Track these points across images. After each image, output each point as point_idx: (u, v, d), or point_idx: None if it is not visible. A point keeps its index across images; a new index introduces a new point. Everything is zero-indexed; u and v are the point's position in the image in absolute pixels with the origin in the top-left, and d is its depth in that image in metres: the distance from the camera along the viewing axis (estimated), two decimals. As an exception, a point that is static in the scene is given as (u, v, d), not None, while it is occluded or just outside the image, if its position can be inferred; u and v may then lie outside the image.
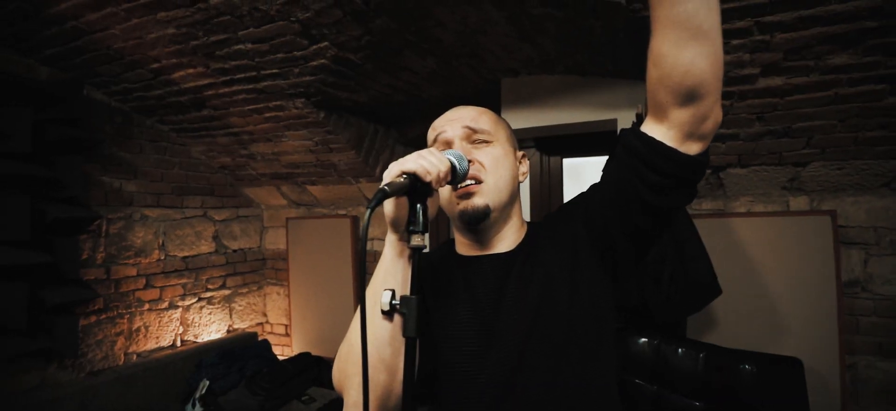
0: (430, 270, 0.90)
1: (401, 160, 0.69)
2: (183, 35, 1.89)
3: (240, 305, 3.39)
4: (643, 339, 1.61)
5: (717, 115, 0.68)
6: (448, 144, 0.85)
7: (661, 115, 0.69)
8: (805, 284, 2.08)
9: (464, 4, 1.67)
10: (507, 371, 0.77)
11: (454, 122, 0.87)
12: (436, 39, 1.95)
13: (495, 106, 2.51)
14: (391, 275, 0.73)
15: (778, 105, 1.73)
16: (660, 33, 0.63)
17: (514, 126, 2.50)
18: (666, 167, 0.69)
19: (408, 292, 0.68)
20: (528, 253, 0.85)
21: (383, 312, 0.68)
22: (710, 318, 2.21)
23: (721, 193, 2.22)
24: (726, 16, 1.40)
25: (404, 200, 0.69)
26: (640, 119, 2.04)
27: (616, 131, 2.22)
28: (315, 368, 3.06)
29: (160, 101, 2.50)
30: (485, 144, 0.86)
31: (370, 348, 0.69)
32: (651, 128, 0.71)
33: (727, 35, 1.47)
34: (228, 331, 3.28)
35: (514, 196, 0.89)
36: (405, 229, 0.70)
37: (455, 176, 0.76)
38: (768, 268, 2.14)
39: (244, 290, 3.42)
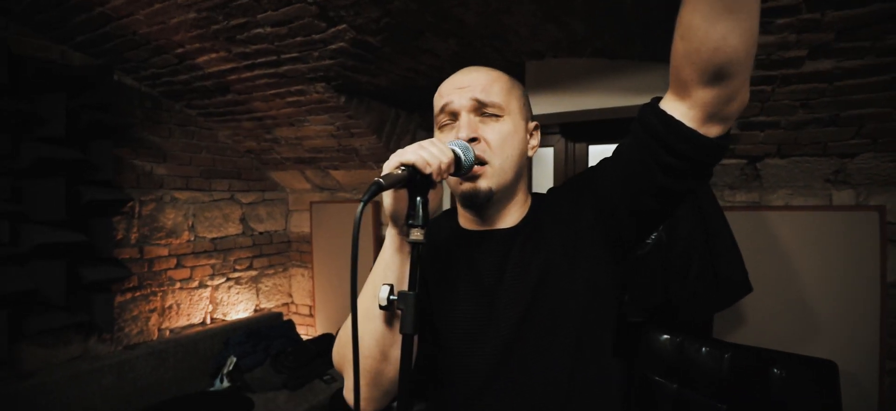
0: (431, 244, 0.88)
1: (401, 150, 0.66)
2: (203, 19, 1.89)
3: (266, 286, 3.47)
4: (665, 336, 1.55)
5: (743, 97, 0.64)
6: (454, 115, 0.81)
7: (683, 93, 0.65)
8: (846, 284, 1.95)
9: (485, -15, 1.60)
10: (501, 350, 0.77)
11: (463, 91, 0.80)
12: (457, 20, 1.89)
13: (519, 90, 2.43)
14: (390, 269, 0.71)
15: (826, 91, 1.59)
16: (691, 3, 0.58)
17: (539, 111, 2.44)
18: (684, 149, 0.65)
19: (406, 287, 0.65)
20: (530, 230, 0.82)
21: (382, 307, 0.66)
22: (740, 316, 2.11)
23: (757, 185, 2.09)
24: (769, -6, 1.29)
25: (404, 193, 0.67)
26: (671, 105, 1.93)
27: (646, 117, 2.12)
28: (337, 349, 3.12)
29: (187, 86, 2.54)
30: (494, 119, 0.80)
31: (368, 338, 0.71)
32: (671, 106, 0.67)
33: (771, 13, 1.36)
34: (255, 311, 3.38)
35: (521, 173, 0.84)
36: (404, 223, 0.67)
37: (459, 167, 0.72)
38: (805, 265, 2.02)
39: (270, 272, 3.50)
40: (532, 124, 0.88)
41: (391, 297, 0.66)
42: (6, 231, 2.00)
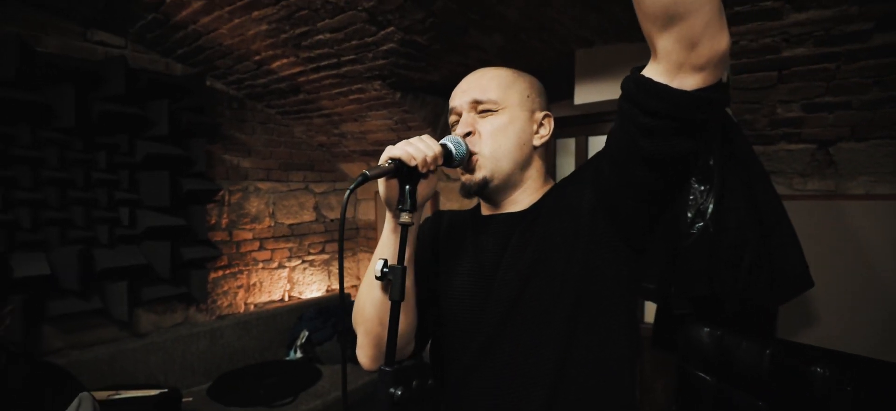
0: (449, 230, 0.98)
1: (390, 146, 0.75)
2: (274, 30, 2.14)
3: (336, 269, 3.78)
4: (706, 329, 1.50)
5: (713, 41, 0.59)
6: (458, 115, 0.90)
7: (652, 50, 0.65)
8: (942, 282, 1.73)
9: (520, -21, 1.65)
10: (495, 327, 0.83)
11: (464, 93, 0.89)
12: (500, 15, 1.95)
13: (569, 79, 2.42)
14: (386, 246, 0.81)
15: (902, 66, 1.43)
16: None
17: (591, 99, 2.41)
18: (657, 106, 0.64)
19: (396, 262, 0.75)
20: (535, 215, 0.86)
21: (377, 278, 0.77)
22: (810, 316, 1.95)
23: (831, 172, 1.91)
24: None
25: (395, 182, 0.76)
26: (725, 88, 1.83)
27: (701, 102, 2.02)
28: (398, 330, 3.33)
29: (265, 88, 2.86)
30: (489, 114, 0.87)
31: (369, 305, 0.83)
32: (647, 68, 0.67)
33: (824, -13, 1.26)
34: (327, 291, 3.70)
35: (524, 160, 0.88)
36: (396, 208, 0.77)
37: (451, 159, 0.81)
38: (891, 261, 1.81)
39: (340, 255, 3.80)
40: (540, 114, 0.91)
41: (384, 270, 0.76)
42: (126, 215, 2.42)
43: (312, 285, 3.58)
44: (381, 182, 0.76)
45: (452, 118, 0.92)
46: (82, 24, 2.35)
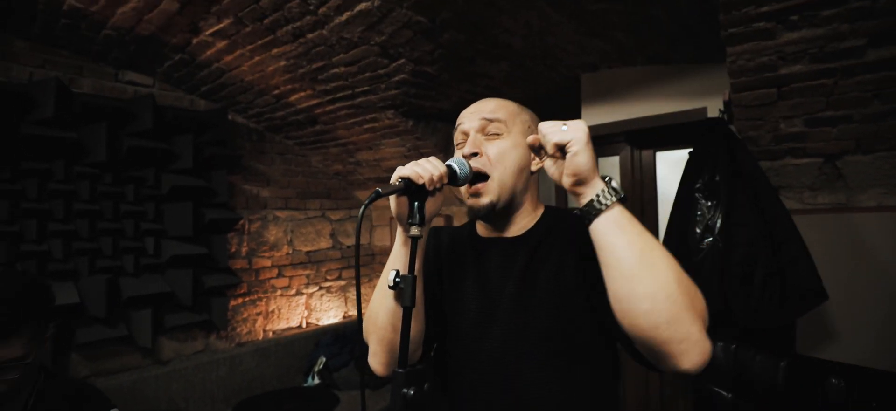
0: (450, 247, 1.03)
1: (401, 166, 0.82)
2: (292, 65, 2.26)
3: (353, 295, 3.83)
4: (719, 344, 1.50)
5: (688, 357, 0.68)
6: (466, 134, 0.95)
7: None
8: (961, 293, 1.71)
9: (524, 9, 1.74)
10: (495, 353, 0.88)
11: (473, 115, 0.95)
12: (505, 45, 2.04)
13: (575, 102, 2.49)
14: (398, 258, 0.86)
15: (900, 79, 1.46)
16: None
17: (598, 121, 2.47)
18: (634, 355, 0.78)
19: (407, 272, 0.81)
20: (538, 240, 0.92)
21: (390, 287, 0.82)
22: (827, 331, 1.93)
23: (841, 185, 1.92)
24: (806, -13, 1.27)
25: (405, 199, 0.83)
26: (727, 106, 1.87)
27: (705, 120, 2.06)
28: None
29: (284, 121, 2.99)
30: (496, 137, 0.92)
31: (383, 313, 0.88)
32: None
33: (815, 6, 1.32)
34: (344, 317, 3.74)
35: (524, 185, 0.94)
36: (406, 222, 0.83)
37: (455, 178, 0.87)
38: (908, 272, 1.80)
39: (356, 282, 3.86)
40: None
41: (396, 279, 0.81)
42: (152, 245, 2.53)
43: (329, 311, 3.63)
44: (392, 199, 0.83)
45: (459, 138, 0.98)
46: (115, 66, 2.51)
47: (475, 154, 0.92)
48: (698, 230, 1.71)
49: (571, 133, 0.74)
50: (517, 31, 1.89)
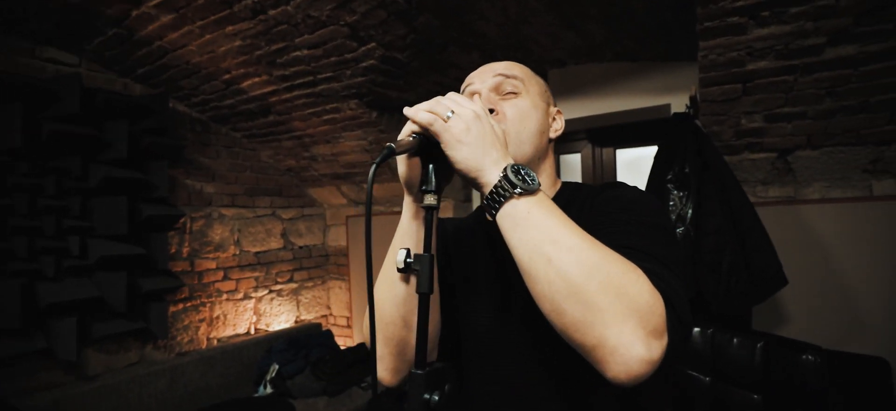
0: (456, 236, 0.91)
1: (413, 108, 0.65)
2: (248, 46, 2.08)
3: (306, 298, 3.62)
4: (696, 329, 1.54)
5: (609, 367, 0.54)
6: (475, 95, 0.83)
7: None
8: (893, 276, 1.87)
9: (502, -4, 1.70)
10: (520, 352, 0.77)
11: (484, 73, 0.84)
12: (479, 33, 1.99)
13: (543, 97, 2.50)
14: (407, 235, 0.72)
15: (851, 77, 1.58)
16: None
17: (564, 117, 2.49)
18: None
19: (421, 251, 0.67)
20: None
21: (399, 270, 0.68)
22: (780, 313, 2.05)
23: (790, 179, 2.05)
24: (781, -17, 1.32)
25: (417, 160, 0.68)
26: (693, 102, 1.94)
27: (669, 116, 2.13)
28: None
29: (232, 110, 2.76)
30: (513, 96, 0.82)
31: (389, 305, 0.73)
32: None
33: (784, 3, 1.38)
34: (296, 322, 3.52)
35: (541, 151, 0.84)
36: (418, 189, 0.69)
37: None
38: (848, 258, 1.95)
39: (310, 284, 3.66)
40: (554, 109, 0.89)
41: (408, 260, 0.68)
42: (76, 244, 2.22)
43: (280, 316, 3.40)
44: (400, 160, 0.69)
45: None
46: (32, 41, 2.19)
47: (492, 111, 0.79)
48: (672, 219, 1.75)
49: (440, 123, 0.62)
50: (494, 18, 1.85)
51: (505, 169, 0.62)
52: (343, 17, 1.78)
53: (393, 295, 0.74)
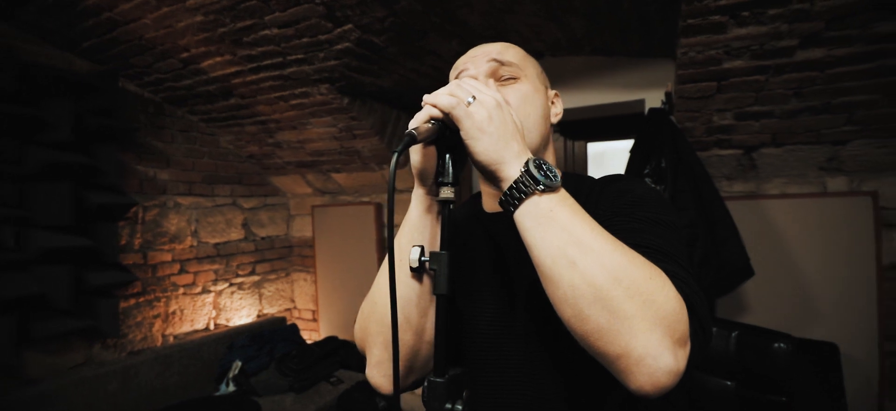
0: (453, 228, 0.87)
1: (433, 95, 0.60)
2: (211, 22, 1.93)
3: (268, 291, 3.47)
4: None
5: (633, 378, 0.51)
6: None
7: None
8: (843, 268, 2.01)
9: (488, -17, 1.66)
10: (523, 353, 0.74)
11: (478, 58, 0.78)
12: (461, 21, 1.94)
13: (519, 89, 2.49)
14: (418, 231, 0.67)
15: (817, 79, 1.66)
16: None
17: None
18: None
19: (437, 248, 0.63)
20: None
21: (412, 269, 0.64)
22: (742, 302, 2.16)
23: (753, 174, 2.15)
24: (763, -16, 1.35)
25: (432, 149, 0.63)
26: (668, 98, 1.99)
27: (643, 112, 2.18)
28: (342, 351, 3.12)
29: (190, 91, 2.57)
30: (512, 81, 0.77)
31: (399, 307, 0.66)
32: None
33: (763, 4, 1.42)
34: (258, 316, 3.38)
35: (545, 138, 0.79)
36: (434, 181, 0.64)
37: None
38: (803, 251, 2.08)
39: (272, 276, 3.51)
40: (552, 93, 0.85)
41: (423, 259, 0.64)
42: (10, 236, 2.00)
43: (241, 310, 3.25)
44: (414, 150, 0.63)
45: None
46: (-46, 5, 1.93)
47: None
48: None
49: (463, 108, 0.58)
50: (478, 6, 1.80)
51: (526, 162, 0.58)
52: (320, -4, 1.68)
53: (399, 297, 0.65)
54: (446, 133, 0.60)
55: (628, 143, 2.59)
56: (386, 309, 0.66)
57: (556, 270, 0.54)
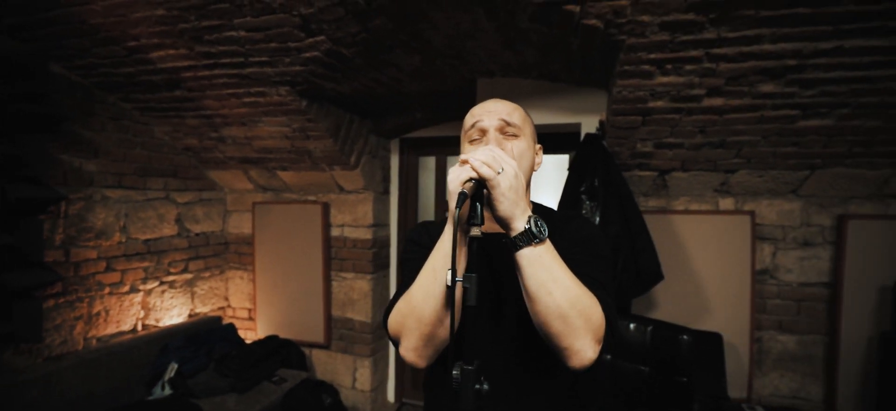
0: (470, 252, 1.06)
1: (474, 158, 0.82)
2: (172, 17, 1.87)
3: (202, 289, 3.34)
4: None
5: (570, 362, 0.83)
6: (483, 132, 1.00)
7: None
8: (727, 272, 2.48)
9: (459, 12, 1.82)
10: (512, 363, 0.97)
11: (492, 114, 1.00)
12: (426, 40, 2.08)
13: (469, 103, 2.67)
14: (451, 257, 0.86)
15: (717, 121, 2.05)
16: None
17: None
18: None
19: (466, 272, 0.82)
20: None
21: (448, 286, 0.84)
22: (651, 300, 2.56)
23: (665, 193, 2.56)
24: (683, 46, 1.68)
25: (468, 200, 0.83)
26: (602, 125, 2.30)
27: (579, 135, 2.48)
28: (283, 350, 3.11)
29: (129, 79, 2.42)
30: (514, 138, 1.00)
31: (428, 311, 0.89)
32: None
33: (682, 61, 1.75)
34: (190, 315, 3.23)
35: (529, 181, 1.04)
36: (467, 223, 0.84)
37: None
38: (699, 258, 2.52)
39: (206, 274, 3.37)
40: (538, 146, 1.09)
41: (456, 279, 0.82)
42: (-84, 231, 1.78)
43: (173, 310, 3.09)
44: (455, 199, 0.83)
45: (475, 134, 1.02)
46: None
47: None
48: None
49: (498, 176, 0.82)
50: (444, 30, 1.96)
51: (529, 220, 0.84)
52: (298, 8, 1.73)
53: (432, 304, 0.90)
54: (483, 189, 0.84)
55: (563, 158, 2.91)
56: (425, 310, 0.90)
57: (538, 294, 0.83)
